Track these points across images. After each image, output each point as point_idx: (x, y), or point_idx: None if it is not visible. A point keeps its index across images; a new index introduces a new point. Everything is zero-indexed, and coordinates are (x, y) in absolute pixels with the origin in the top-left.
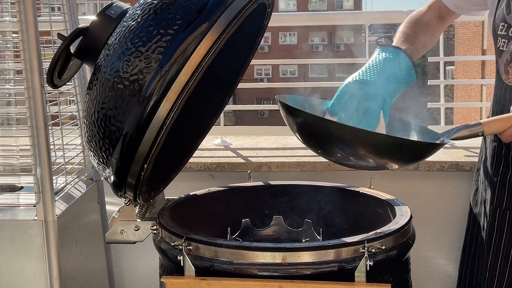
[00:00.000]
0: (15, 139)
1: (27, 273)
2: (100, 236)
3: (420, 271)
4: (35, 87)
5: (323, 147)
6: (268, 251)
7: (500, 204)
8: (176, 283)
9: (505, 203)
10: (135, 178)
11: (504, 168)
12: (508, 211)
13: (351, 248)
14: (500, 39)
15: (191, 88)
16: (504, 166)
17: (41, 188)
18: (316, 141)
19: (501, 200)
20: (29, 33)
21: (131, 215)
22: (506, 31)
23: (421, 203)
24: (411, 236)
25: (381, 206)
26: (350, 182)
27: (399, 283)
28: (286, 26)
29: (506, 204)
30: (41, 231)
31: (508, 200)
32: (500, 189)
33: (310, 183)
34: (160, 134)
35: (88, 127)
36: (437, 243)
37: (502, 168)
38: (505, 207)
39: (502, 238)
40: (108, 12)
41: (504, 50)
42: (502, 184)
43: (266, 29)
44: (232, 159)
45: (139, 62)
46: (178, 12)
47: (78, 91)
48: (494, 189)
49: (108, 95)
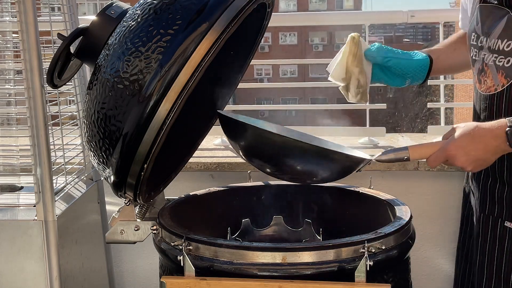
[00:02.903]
0: (15, 139)
1: (27, 273)
2: (100, 236)
3: (420, 271)
4: (35, 87)
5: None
6: (268, 251)
7: (483, 210)
8: (176, 283)
9: (487, 209)
10: (135, 178)
11: (485, 176)
12: (491, 216)
13: (351, 248)
14: (473, 48)
15: (191, 88)
16: (485, 174)
17: (41, 188)
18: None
19: (484, 206)
20: (29, 33)
21: (131, 215)
22: (476, 41)
23: (421, 203)
24: (411, 236)
25: (381, 206)
26: (350, 182)
27: (399, 283)
28: (286, 26)
29: (488, 210)
30: (41, 231)
31: (490, 206)
32: (482, 196)
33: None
34: (160, 134)
35: (88, 127)
36: (437, 243)
37: (483, 175)
38: (487, 212)
39: (487, 242)
40: (108, 12)
41: (476, 59)
42: (484, 190)
43: (266, 29)
44: (232, 159)
45: (139, 62)
46: (178, 12)
47: (78, 91)
48: (478, 194)
49: (108, 95)
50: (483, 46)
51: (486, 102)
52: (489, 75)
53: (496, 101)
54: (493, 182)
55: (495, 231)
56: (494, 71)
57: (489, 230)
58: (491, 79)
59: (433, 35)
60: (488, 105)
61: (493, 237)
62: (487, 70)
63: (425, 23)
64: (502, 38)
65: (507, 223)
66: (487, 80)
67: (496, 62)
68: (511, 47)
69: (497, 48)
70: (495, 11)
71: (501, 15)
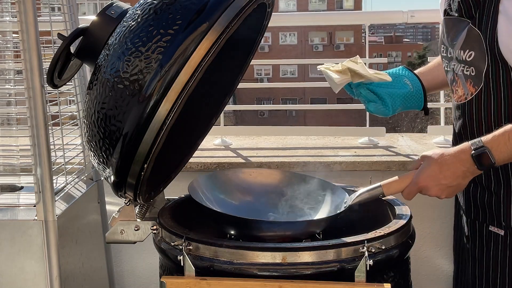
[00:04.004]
0: (15, 139)
1: (27, 273)
2: (100, 236)
3: (420, 271)
4: (35, 87)
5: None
6: (268, 251)
7: (470, 215)
8: (176, 283)
9: (473, 214)
10: (135, 178)
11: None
12: (477, 221)
13: (351, 248)
14: (444, 60)
15: (191, 88)
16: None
17: (41, 188)
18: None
19: (469, 210)
20: (29, 33)
21: (131, 215)
22: (446, 53)
23: (421, 203)
24: (411, 236)
25: (381, 206)
26: (350, 182)
27: (399, 283)
28: (286, 26)
29: (473, 215)
30: (41, 231)
31: (475, 211)
32: (467, 202)
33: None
34: (160, 134)
35: (88, 127)
36: (437, 243)
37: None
38: (473, 217)
39: (475, 246)
40: (108, 12)
41: (448, 70)
42: (467, 196)
43: (266, 29)
44: (232, 159)
45: (139, 62)
46: (178, 12)
47: (78, 91)
48: (463, 200)
49: (108, 95)
50: (452, 57)
51: (459, 111)
52: (459, 85)
53: (467, 109)
54: (475, 188)
55: (481, 236)
56: (463, 81)
57: (476, 235)
58: (461, 88)
59: (433, 35)
60: (461, 113)
61: (481, 242)
62: (458, 80)
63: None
64: (464, 49)
65: (491, 228)
66: (458, 90)
67: (464, 72)
68: (472, 57)
69: (462, 59)
70: (457, 23)
71: (463, 27)
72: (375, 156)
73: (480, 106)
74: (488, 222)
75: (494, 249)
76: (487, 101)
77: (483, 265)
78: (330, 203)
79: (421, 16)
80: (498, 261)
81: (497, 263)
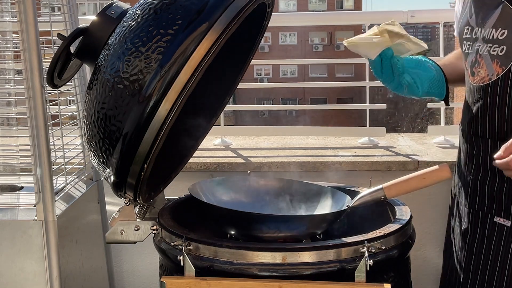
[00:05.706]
0: (15, 139)
1: (27, 273)
2: (100, 236)
3: (420, 271)
4: (35, 87)
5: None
6: (268, 251)
7: (473, 205)
8: (176, 283)
9: (477, 204)
10: (135, 178)
11: (476, 169)
12: (480, 212)
13: (351, 248)
14: (466, 42)
15: (191, 88)
16: (476, 167)
17: (41, 188)
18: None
19: (473, 201)
20: (29, 33)
21: (131, 215)
22: (470, 34)
23: (421, 203)
24: (411, 236)
25: (381, 206)
26: (350, 182)
27: (399, 283)
28: (286, 26)
29: (478, 205)
30: (41, 231)
31: (480, 200)
32: (472, 190)
33: (310, 183)
34: (160, 134)
35: (88, 127)
36: (437, 243)
37: (474, 169)
38: (477, 208)
39: (476, 238)
40: (108, 12)
41: (470, 52)
42: (474, 185)
43: (266, 29)
44: (232, 159)
45: (139, 62)
46: (178, 12)
47: (78, 91)
48: (467, 190)
49: (108, 95)
50: (477, 37)
51: (480, 93)
52: (483, 66)
53: (490, 90)
54: (484, 175)
55: (484, 228)
56: (488, 61)
57: (478, 227)
58: (485, 69)
59: (433, 35)
60: (483, 94)
61: (482, 234)
62: (481, 61)
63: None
64: (497, 27)
65: (497, 218)
66: (480, 71)
67: (491, 52)
68: (505, 36)
69: (492, 38)
70: (488, 1)
71: (495, 5)
72: (375, 156)
73: (506, 86)
74: (493, 213)
75: (497, 241)
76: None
77: (481, 258)
78: (331, 206)
79: (421, 16)
80: (499, 253)
81: (497, 256)
